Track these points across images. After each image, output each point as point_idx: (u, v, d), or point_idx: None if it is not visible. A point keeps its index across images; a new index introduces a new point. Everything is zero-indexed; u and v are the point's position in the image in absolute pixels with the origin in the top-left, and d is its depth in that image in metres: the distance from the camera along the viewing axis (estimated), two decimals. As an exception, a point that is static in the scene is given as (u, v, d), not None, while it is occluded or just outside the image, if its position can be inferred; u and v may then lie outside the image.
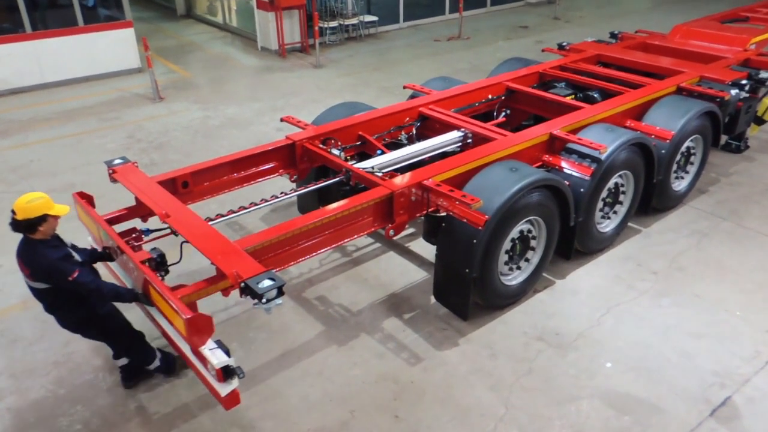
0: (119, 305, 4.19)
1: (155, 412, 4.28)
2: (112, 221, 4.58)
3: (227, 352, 3.38)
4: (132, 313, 4.40)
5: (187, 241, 4.01)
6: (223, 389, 3.40)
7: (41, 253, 3.71)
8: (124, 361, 4.39)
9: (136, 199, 4.64)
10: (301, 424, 4.18)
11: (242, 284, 3.49)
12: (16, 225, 3.70)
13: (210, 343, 3.42)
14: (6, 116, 9.66)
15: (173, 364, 4.54)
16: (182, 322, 3.34)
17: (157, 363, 4.42)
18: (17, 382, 4.55)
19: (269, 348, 4.85)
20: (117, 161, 5.00)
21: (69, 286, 3.73)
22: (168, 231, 4.38)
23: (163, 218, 4.20)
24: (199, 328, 3.38)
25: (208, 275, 3.96)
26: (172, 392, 4.43)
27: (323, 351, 4.81)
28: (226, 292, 3.92)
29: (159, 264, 4.03)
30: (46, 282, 3.79)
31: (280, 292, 3.47)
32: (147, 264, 3.89)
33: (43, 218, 3.67)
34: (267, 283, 3.45)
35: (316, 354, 4.78)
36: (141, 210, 4.68)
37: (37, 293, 3.90)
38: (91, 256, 4.22)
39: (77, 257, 3.92)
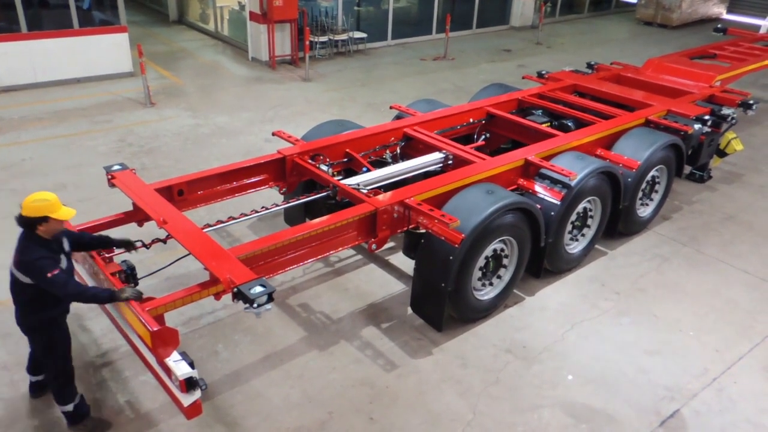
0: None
1: (143, 408, 4.52)
2: (110, 225, 4.82)
3: (191, 364, 3.50)
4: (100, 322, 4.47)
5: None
6: (186, 399, 3.53)
7: (31, 247, 3.75)
8: (69, 408, 4.27)
9: (134, 204, 4.89)
10: (282, 422, 4.45)
11: (235, 289, 3.77)
12: (19, 219, 3.77)
13: (175, 355, 3.55)
14: (-2, 114, 9.81)
15: (82, 416, 4.34)
16: (149, 334, 3.49)
17: (70, 408, 4.24)
18: (10, 374, 4.74)
19: (253, 350, 5.11)
20: (116, 167, 5.23)
21: (45, 284, 3.73)
22: (139, 244, 4.57)
23: (161, 224, 4.46)
24: (165, 340, 3.52)
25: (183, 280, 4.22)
26: (160, 390, 4.66)
27: (304, 355, 5.08)
28: (218, 296, 4.18)
29: (129, 276, 4.18)
30: (27, 275, 3.77)
31: (270, 298, 3.76)
32: (117, 276, 4.06)
33: (44, 219, 3.70)
34: (258, 289, 3.73)
35: (297, 358, 5.05)
36: (138, 215, 4.92)
37: (13, 281, 3.89)
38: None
39: (63, 265, 3.87)
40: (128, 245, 4.47)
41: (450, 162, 6.08)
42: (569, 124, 7.17)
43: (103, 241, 4.36)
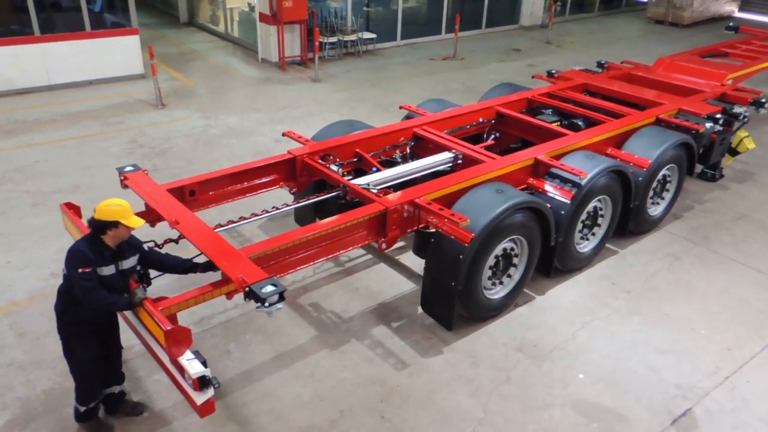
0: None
1: (157, 406, 4.57)
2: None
3: (204, 363, 3.55)
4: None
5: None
6: (199, 398, 3.55)
7: (83, 242, 3.80)
8: (81, 408, 4.27)
9: (146, 205, 4.93)
10: (294, 421, 4.47)
11: (247, 289, 3.80)
12: (90, 222, 3.81)
13: (188, 354, 3.58)
14: (12, 116, 9.91)
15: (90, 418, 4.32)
16: (162, 333, 3.52)
17: (81, 409, 4.24)
18: (26, 374, 4.80)
19: (264, 349, 5.14)
20: (128, 168, 5.28)
21: (72, 277, 3.73)
22: (152, 244, 4.55)
23: (173, 225, 4.50)
24: (178, 339, 3.55)
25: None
26: (173, 389, 4.71)
27: (315, 354, 5.11)
28: (229, 295, 4.21)
29: (142, 276, 4.20)
30: (65, 262, 3.80)
31: (281, 297, 3.78)
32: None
33: (114, 224, 3.73)
34: (270, 288, 3.76)
35: (308, 357, 5.08)
36: (150, 216, 4.95)
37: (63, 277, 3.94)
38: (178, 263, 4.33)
39: (107, 273, 3.84)
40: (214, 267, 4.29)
41: (459, 161, 6.08)
42: (579, 123, 7.15)
43: (187, 266, 4.33)
